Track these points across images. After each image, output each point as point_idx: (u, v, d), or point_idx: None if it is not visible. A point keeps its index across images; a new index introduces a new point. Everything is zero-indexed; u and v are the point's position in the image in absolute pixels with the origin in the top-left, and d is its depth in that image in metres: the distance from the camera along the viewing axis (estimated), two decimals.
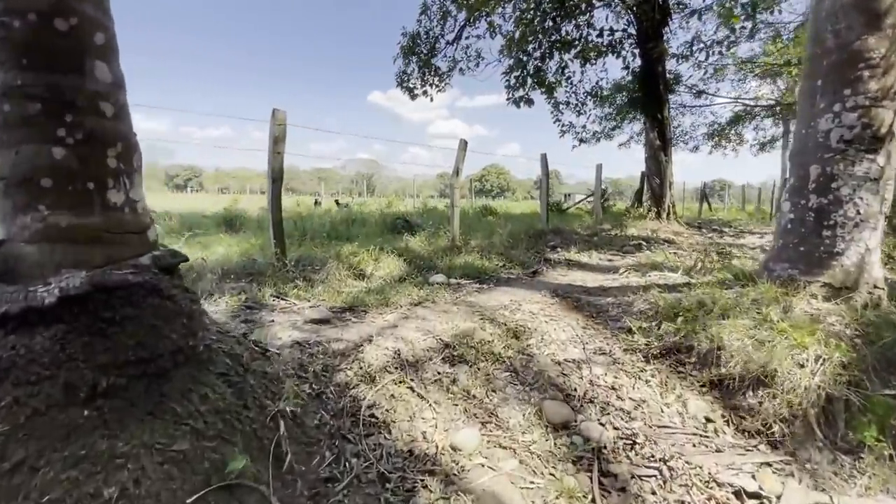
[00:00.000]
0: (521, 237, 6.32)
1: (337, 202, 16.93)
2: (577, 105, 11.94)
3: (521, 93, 10.67)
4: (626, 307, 3.08)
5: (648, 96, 9.57)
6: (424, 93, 11.92)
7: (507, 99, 10.73)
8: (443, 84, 11.84)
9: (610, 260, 5.42)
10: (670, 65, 11.03)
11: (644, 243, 6.71)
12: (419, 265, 4.54)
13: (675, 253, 5.55)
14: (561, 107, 11.88)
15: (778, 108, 13.99)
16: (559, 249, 6.03)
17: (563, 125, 12.22)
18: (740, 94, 15.30)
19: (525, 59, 9.92)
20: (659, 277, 4.03)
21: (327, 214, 8.80)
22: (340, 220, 7.31)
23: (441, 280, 4.05)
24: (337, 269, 3.95)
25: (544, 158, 7.76)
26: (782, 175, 35.01)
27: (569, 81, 11.34)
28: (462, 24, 11.45)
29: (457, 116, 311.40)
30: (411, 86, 11.78)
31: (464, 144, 5.73)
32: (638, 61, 10.04)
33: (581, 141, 12.82)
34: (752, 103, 13.84)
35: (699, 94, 11.84)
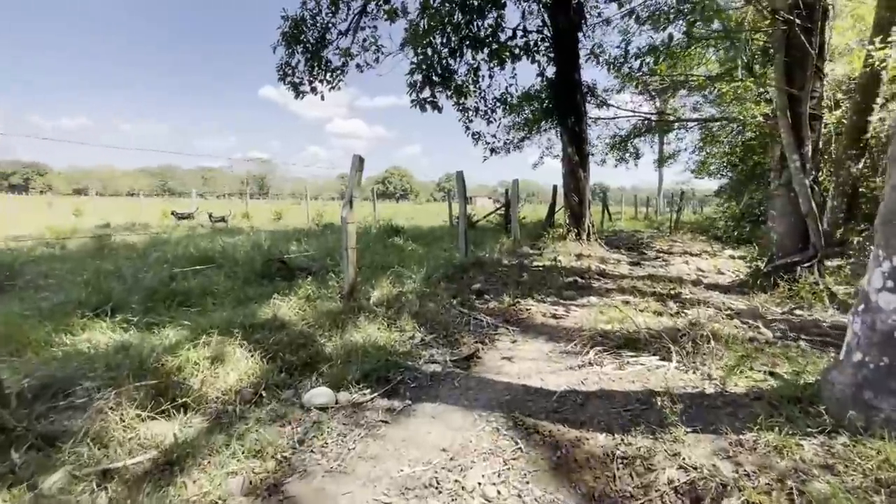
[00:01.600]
0: (439, 282, 4.91)
1: (210, 216, 14.04)
2: (486, 112, 10.90)
3: (426, 94, 9.28)
4: (643, 476, 1.79)
5: (565, 107, 8.77)
6: (314, 90, 9.98)
7: (412, 101, 9.25)
8: (336, 81, 10.01)
9: (555, 316, 4.23)
10: (587, 74, 10.49)
11: (579, 279, 5.72)
12: (290, 361, 2.87)
13: (626, 301, 4.56)
14: (470, 113, 10.75)
15: (676, 124, 14.52)
16: (488, 297, 4.73)
17: (472, 133, 11.12)
18: (636, 108, 15.68)
19: (431, 54, 8.55)
20: (643, 368, 2.86)
21: (178, 245, 6.52)
22: (187, 261, 5.23)
23: (324, 400, 2.44)
24: (122, 400, 2.14)
25: (461, 176, 6.45)
26: (659, 183, 38.39)
27: (477, 86, 10.26)
28: (358, 11, 9.75)
29: (357, 116, 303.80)
30: (296, 81, 9.77)
31: (359, 163, 4.15)
32: (553, 68, 9.26)
33: (493, 151, 11.86)
34: (651, 117, 14.12)
35: (605, 105, 11.54)
